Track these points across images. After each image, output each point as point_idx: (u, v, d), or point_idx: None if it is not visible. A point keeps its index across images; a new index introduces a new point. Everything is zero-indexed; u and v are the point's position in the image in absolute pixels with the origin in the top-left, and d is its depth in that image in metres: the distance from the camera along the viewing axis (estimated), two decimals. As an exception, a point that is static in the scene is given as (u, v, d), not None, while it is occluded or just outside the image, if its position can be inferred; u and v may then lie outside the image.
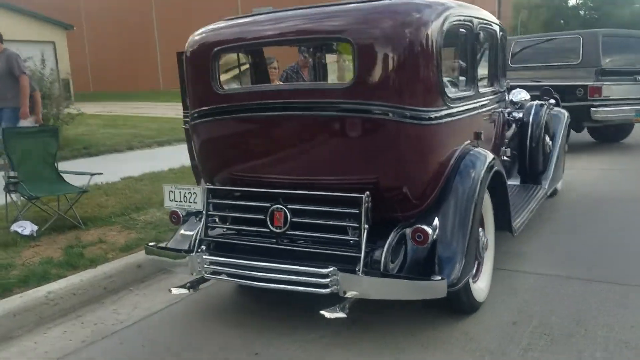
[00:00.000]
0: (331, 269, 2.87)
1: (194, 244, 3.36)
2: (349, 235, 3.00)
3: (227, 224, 3.43)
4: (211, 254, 3.25)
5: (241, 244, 3.34)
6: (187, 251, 3.35)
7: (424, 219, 3.05)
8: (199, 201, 3.39)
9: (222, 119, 3.35)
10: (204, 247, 3.31)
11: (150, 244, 3.57)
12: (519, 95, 5.56)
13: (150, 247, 3.54)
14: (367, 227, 2.92)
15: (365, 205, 2.92)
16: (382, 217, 3.03)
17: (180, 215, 3.52)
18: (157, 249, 3.52)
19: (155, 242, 3.65)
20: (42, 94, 9.07)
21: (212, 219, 3.39)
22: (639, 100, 8.68)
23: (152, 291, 4.02)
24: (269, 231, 3.18)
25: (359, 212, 2.93)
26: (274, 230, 3.16)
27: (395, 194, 3.05)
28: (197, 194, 3.40)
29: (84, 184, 5.22)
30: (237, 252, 3.27)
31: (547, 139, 5.35)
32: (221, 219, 3.44)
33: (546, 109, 5.37)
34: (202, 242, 3.32)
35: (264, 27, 3.30)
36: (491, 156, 3.45)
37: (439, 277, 2.83)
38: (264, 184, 3.32)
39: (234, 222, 3.41)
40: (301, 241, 3.18)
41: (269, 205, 3.18)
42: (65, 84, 17.36)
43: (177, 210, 3.51)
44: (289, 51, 5.42)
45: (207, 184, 3.53)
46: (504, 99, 4.55)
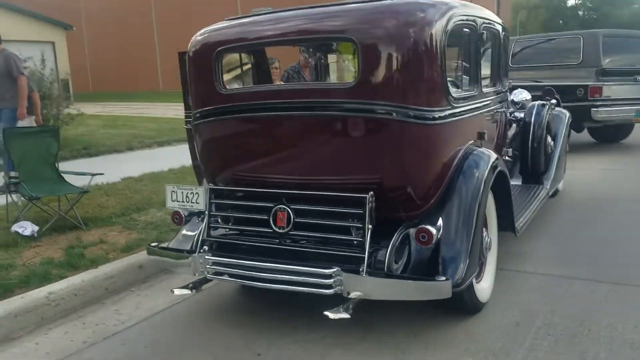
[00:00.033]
0: (335, 270, 2.86)
1: (196, 245, 3.35)
2: (353, 235, 2.99)
3: (229, 224, 3.42)
4: (214, 255, 3.24)
5: (244, 245, 3.33)
6: (190, 251, 3.34)
7: (428, 219, 3.04)
8: (201, 201, 3.38)
9: (225, 119, 3.34)
10: (206, 247, 3.29)
11: (152, 245, 3.56)
12: (521, 95, 5.55)
13: (152, 248, 3.53)
14: (370, 227, 2.91)
15: (369, 205, 2.90)
16: (385, 217, 3.01)
17: (182, 215, 3.50)
18: (160, 249, 3.51)
19: (157, 243, 3.64)
20: (42, 94, 9.07)
21: (214, 219, 3.38)
22: (639, 100, 8.69)
23: (153, 292, 4.00)
24: (271, 231, 3.17)
25: (363, 212, 2.92)
26: (277, 230, 3.15)
27: (399, 194, 3.03)
28: (200, 194, 3.39)
29: (85, 184, 5.20)
30: (239, 253, 3.27)
31: (549, 139, 5.35)
32: (223, 219, 3.42)
33: (548, 109, 5.36)
34: (204, 243, 3.31)
35: (266, 27, 3.29)
36: (495, 156, 3.44)
37: (444, 278, 2.82)
38: (267, 184, 3.30)
39: (236, 222, 3.40)
40: (304, 241, 3.17)
41: (272, 205, 3.17)
42: (64, 84, 17.34)
43: (179, 210, 3.50)
44: (290, 51, 5.41)
45: (209, 184, 3.51)
46: (506, 99, 4.55)
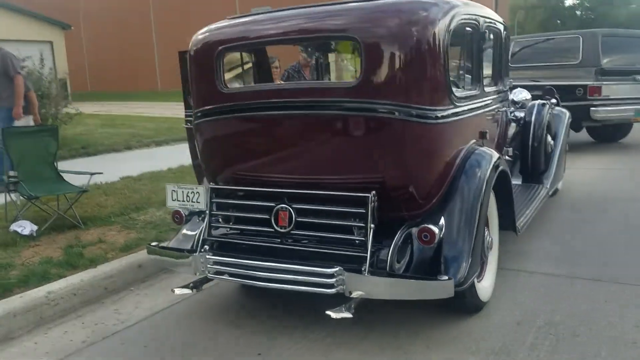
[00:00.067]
0: (337, 269, 2.85)
1: (197, 244, 3.33)
2: (355, 234, 2.98)
3: (230, 224, 3.40)
4: (215, 254, 3.23)
5: (245, 244, 3.31)
6: (191, 251, 3.33)
7: (430, 219, 3.03)
8: (202, 201, 3.36)
9: (227, 118, 3.32)
10: (207, 247, 3.28)
11: (152, 244, 3.55)
12: (520, 94, 5.55)
13: (152, 247, 3.51)
14: (373, 226, 2.90)
15: (371, 204, 2.89)
16: (387, 217, 3.00)
17: (183, 215, 3.49)
18: (160, 248, 3.49)
19: (157, 242, 3.62)
20: (41, 94, 9.05)
21: (215, 219, 3.37)
22: (638, 99, 8.70)
23: (153, 291, 3.99)
24: (273, 231, 3.16)
25: (365, 211, 2.91)
26: (278, 230, 3.14)
27: (401, 193, 3.02)
28: (200, 194, 3.37)
29: (84, 183, 5.19)
30: (240, 252, 3.25)
31: (549, 138, 5.35)
32: (224, 218, 3.41)
33: (548, 108, 5.37)
34: (205, 242, 3.29)
35: (268, 26, 3.27)
36: (497, 155, 3.43)
37: (446, 277, 2.81)
38: (268, 184, 3.29)
39: (237, 221, 3.38)
40: (306, 241, 3.15)
41: (273, 204, 3.16)
42: (62, 83, 17.31)
43: (179, 210, 3.49)
44: (290, 51, 5.40)
45: (210, 183, 3.50)
46: (507, 98, 4.54)
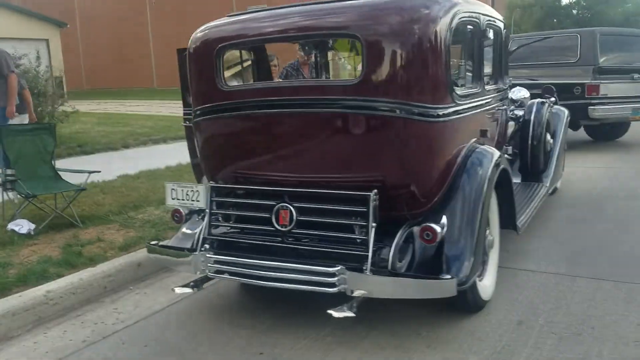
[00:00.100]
0: (338, 268, 2.84)
1: (197, 243, 3.31)
2: (356, 233, 2.97)
3: (230, 223, 3.38)
4: (215, 253, 3.21)
5: (245, 243, 3.29)
6: (191, 250, 3.31)
7: (431, 217, 3.02)
8: (201, 199, 3.35)
9: (226, 116, 3.30)
10: (207, 245, 3.26)
11: (152, 243, 3.53)
12: (519, 93, 5.55)
13: (152, 246, 3.49)
14: (374, 225, 2.89)
15: (373, 203, 2.88)
16: (389, 216, 2.99)
17: (183, 213, 3.47)
18: (160, 247, 3.47)
19: (156, 241, 3.61)
20: (37, 92, 9.01)
21: (215, 217, 3.35)
22: (635, 98, 8.71)
23: (153, 290, 3.97)
24: (274, 230, 3.14)
25: (366, 210, 2.89)
26: (279, 228, 3.12)
27: (402, 191, 3.01)
28: (200, 192, 3.36)
29: (82, 182, 5.17)
30: (241, 251, 3.23)
31: (548, 137, 5.35)
32: (225, 217, 3.39)
33: (547, 107, 5.36)
34: (205, 241, 3.28)
35: (268, 23, 3.26)
36: (498, 154, 3.43)
37: (449, 276, 2.80)
38: (268, 182, 3.27)
39: (238, 220, 3.37)
40: (307, 240, 3.14)
41: (274, 203, 3.14)
42: (58, 81, 17.25)
43: (179, 208, 3.47)
44: (288, 48, 5.38)
45: (210, 181, 3.48)
46: (507, 96, 4.54)
